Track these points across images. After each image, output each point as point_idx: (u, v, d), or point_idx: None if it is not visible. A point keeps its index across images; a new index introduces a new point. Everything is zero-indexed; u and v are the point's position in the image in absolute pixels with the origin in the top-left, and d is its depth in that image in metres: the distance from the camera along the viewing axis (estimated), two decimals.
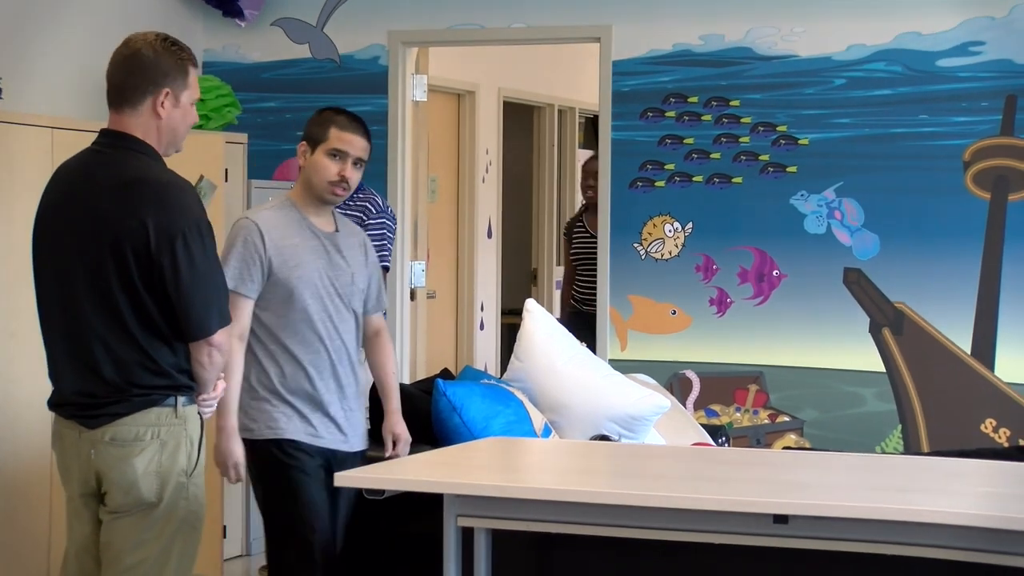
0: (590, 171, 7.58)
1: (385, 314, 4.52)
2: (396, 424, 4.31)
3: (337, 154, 4.25)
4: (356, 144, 4.28)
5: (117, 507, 3.57)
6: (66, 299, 3.59)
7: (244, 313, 4.15)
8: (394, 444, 4.29)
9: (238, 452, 4.16)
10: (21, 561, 5.45)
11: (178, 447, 3.59)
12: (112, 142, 3.61)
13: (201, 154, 5.94)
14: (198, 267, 3.51)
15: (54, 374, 3.66)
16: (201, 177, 5.73)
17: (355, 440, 4.27)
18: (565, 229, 8.03)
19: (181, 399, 3.59)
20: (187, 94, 3.64)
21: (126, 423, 3.54)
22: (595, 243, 7.11)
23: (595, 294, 6.91)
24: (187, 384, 3.60)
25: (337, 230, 4.32)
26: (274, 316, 4.20)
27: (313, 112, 4.40)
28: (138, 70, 3.56)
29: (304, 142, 4.31)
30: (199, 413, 3.67)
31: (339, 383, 4.22)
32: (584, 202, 7.88)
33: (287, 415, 4.19)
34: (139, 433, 3.54)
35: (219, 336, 3.57)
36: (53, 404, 3.67)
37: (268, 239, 4.18)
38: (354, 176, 4.28)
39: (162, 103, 3.59)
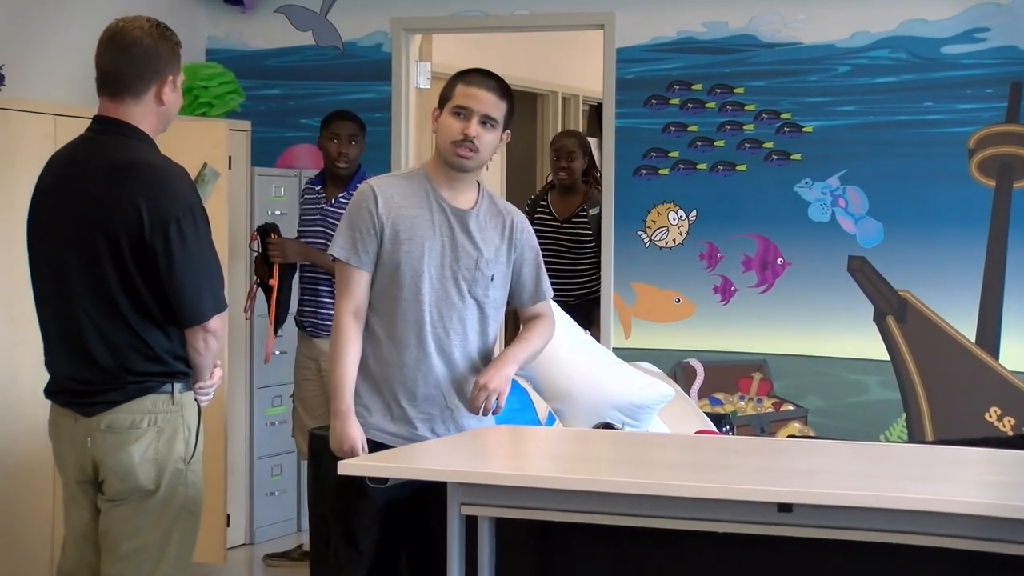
0: (562, 149, 7.22)
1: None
2: (484, 373, 3.87)
3: (461, 111, 3.84)
4: (483, 99, 3.86)
5: (114, 495, 3.57)
6: (60, 284, 3.58)
7: (357, 286, 3.84)
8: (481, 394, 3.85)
9: (355, 435, 3.79)
10: (24, 548, 5.46)
11: (175, 434, 3.58)
12: (105, 128, 3.60)
13: (204, 141, 5.93)
14: (191, 252, 3.50)
15: (49, 361, 3.66)
16: (204, 165, 5.71)
17: None
18: (526, 209, 7.12)
19: (177, 386, 3.58)
20: (180, 78, 3.65)
21: (122, 410, 3.53)
22: (560, 229, 7.02)
23: (559, 287, 6.57)
24: (183, 371, 3.59)
25: (476, 207, 3.91)
26: (376, 292, 3.87)
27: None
28: (140, 59, 3.55)
29: (436, 107, 3.96)
30: (196, 400, 3.66)
31: (437, 379, 3.85)
32: (550, 181, 7.36)
33: (368, 408, 3.87)
34: (135, 420, 3.54)
35: (214, 322, 3.56)
36: (49, 392, 3.67)
37: (384, 206, 3.83)
38: (485, 137, 3.84)
39: (164, 90, 3.59)
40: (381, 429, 3.85)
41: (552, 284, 6.50)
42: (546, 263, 6.45)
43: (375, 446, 3.82)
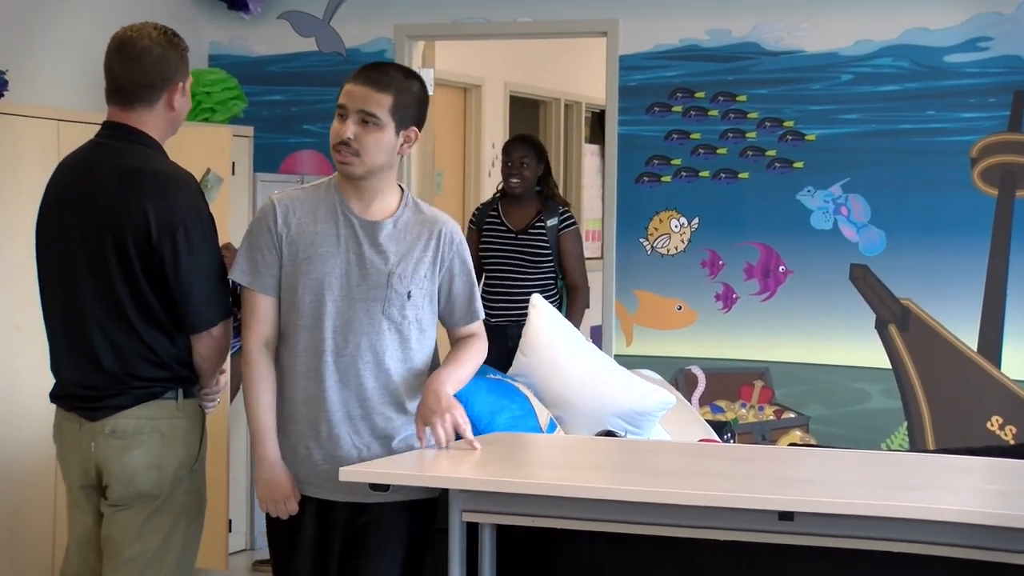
0: (514, 156, 6.51)
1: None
2: (421, 408, 3.55)
3: (340, 111, 3.49)
4: (356, 95, 3.45)
5: (118, 500, 3.57)
6: (67, 289, 3.59)
7: (264, 313, 3.54)
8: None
9: (286, 482, 3.53)
10: (26, 552, 5.46)
11: (179, 440, 3.58)
12: (114, 134, 3.61)
13: (207, 147, 5.93)
14: (198, 258, 3.51)
15: (55, 365, 3.66)
16: (208, 171, 5.72)
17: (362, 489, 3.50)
18: (473, 218, 6.67)
19: (182, 392, 3.59)
20: (189, 81, 3.67)
21: (127, 415, 3.54)
22: (515, 240, 6.44)
23: (511, 302, 6.35)
24: (188, 376, 3.60)
25: (393, 217, 3.53)
26: (281, 320, 3.57)
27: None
28: (151, 69, 3.56)
29: None
30: (201, 406, 3.67)
31: (344, 415, 3.52)
32: (501, 189, 6.63)
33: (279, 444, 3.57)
34: (140, 426, 3.54)
35: (220, 328, 3.57)
36: (55, 396, 3.67)
37: (283, 223, 3.52)
38: (366, 138, 3.44)
39: (176, 97, 3.60)
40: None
41: (504, 299, 6.18)
42: (498, 277, 6.37)
43: None
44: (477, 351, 3.68)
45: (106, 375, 3.55)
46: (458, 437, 3.60)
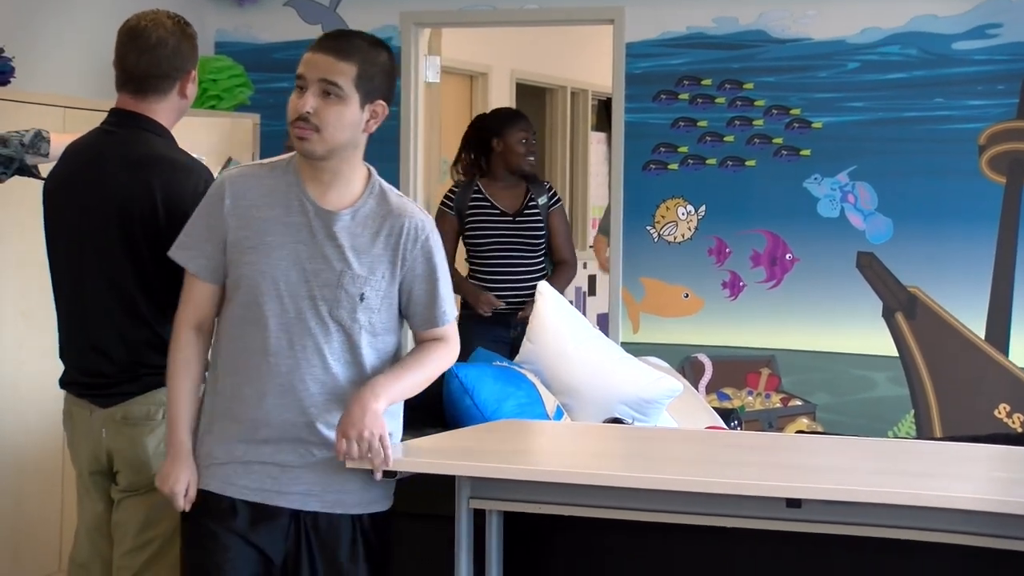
0: (529, 131, 6.29)
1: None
2: (343, 418, 3.18)
3: (299, 83, 3.17)
4: (318, 63, 3.14)
5: (128, 486, 3.58)
6: (76, 277, 3.59)
7: (196, 295, 3.24)
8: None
9: (180, 478, 3.24)
10: (33, 539, 5.47)
11: None
12: (123, 121, 3.61)
13: (212, 134, 5.93)
14: None
15: (64, 353, 3.67)
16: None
17: (319, 498, 3.26)
18: (450, 203, 6.23)
19: None
20: (197, 69, 3.68)
21: (137, 402, 3.54)
22: (512, 224, 6.17)
23: (513, 289, 6.10)
24: None
25: (354, 207, 3.19)
26: (221, 311, 3.27)
27: None
28: (165, 61, 3.57)
29: None
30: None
31: (285, 422, 3.20)
32: (465, 171, 6.29)
33: (208, 456, 3.27)
34: (150, 412, 3.55)
35: None
36: (64, 382, 3.68)
37: (233, 205, 3.19)
38: (327, 112, 3.11)
39: (188, 86, 3.62)
40: (219, 478, 3.26)
41: (505, 286, 5.93)
42: (496, 263, 6.07)
43: (210, 495, 3.27)
44: (433, 359, 3.29)
45: (115, 363, 3.55)
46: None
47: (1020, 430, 6.26)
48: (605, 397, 4.57)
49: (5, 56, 5.47)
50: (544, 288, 4.90)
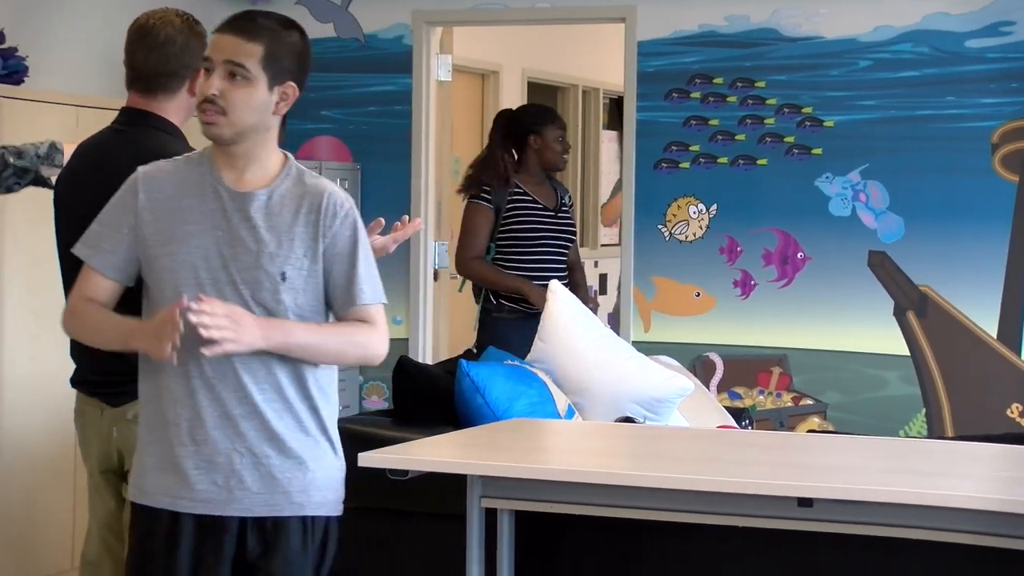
0: (563, 129, 6.31)
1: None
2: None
3: (205, 65, 3.05)
4: (224, 45, 3.01)
5: None
6: None
7: (96, 287, 3.10)
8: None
9: (162, 314, 2.98)
10: (45, 537, 5.48)
11: None
12: (133, 120, 3.62)
13: None
14: None
15: (74, 351, 3.67)
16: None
17: (249, 502, 3.04)
18: (488, 196, 6.08)
19: None
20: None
21: None
22: (555, 219, 6.15)
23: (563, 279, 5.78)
24: None
25: (269, 188, 3.05)
26: (144, 314, 3.10)
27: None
28: (174, 59, 3.57)
29: None
30: None
31: (217, 417, 3.00)
32: (500, 167, 6.13)
33: (141, 467, 3.11)
34: None
35: None
36: (75, 381, 3.68)
37: (147, 199, 3.07)
38: (233, 94, 2.99)
39: (197, 83, 3.61)
40: (158, 490, 3.07)
41: (549, 279, 5.49)
42: (543, 257, 5.99)
43: (146, 511, 3.08)
44: (353, 333, 3.05)
45: (125, 361, 3.55)
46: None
47: None
48: (616, 396, 4.56)
49: (19, 55, 5.48)
50: (555, 287, 4.90)
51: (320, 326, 3.05)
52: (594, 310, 6.03)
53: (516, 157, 6.19)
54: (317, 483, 3.08)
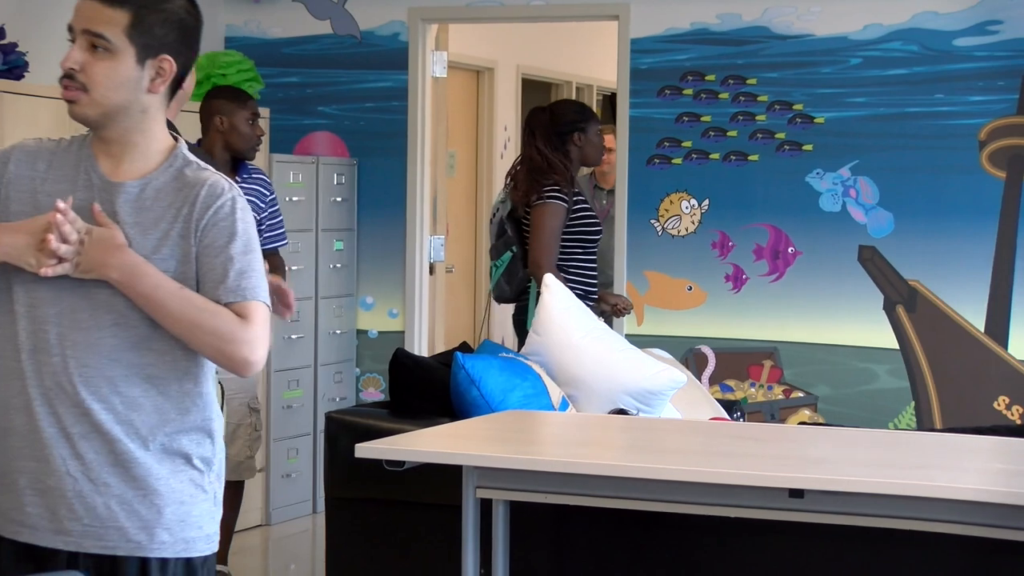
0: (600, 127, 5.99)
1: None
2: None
3: (69, 36, 2.60)
4: (82, 12, 2.57)
5: None
6: None
7: None
8: None
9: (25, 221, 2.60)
10: None
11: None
12: None
13: None
14: None
15: None
16: None
17: (79, 535, 2.57)
18: (564, 197, 5.59)
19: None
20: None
21: None
22: (596, 215, 5.87)
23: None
24: None
25: (145, 178, 2.61)
26: None
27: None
28: None
29: None
30: (219, 382, 3.67)
31: (49, 428, 2.54)
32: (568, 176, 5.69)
33: None
34: None
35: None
36: None
37: (16, 174, 2.63)
38: (94, 68, 2.55)
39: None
40: None
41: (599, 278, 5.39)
42: (596, 260, 5.61)
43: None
44: (217, 311, 2.55)
45: None
46: None
47: (1019, 422, 6.25)
48: (610, 388, 4.56)
49: (19, 51, 5.47)
50: (550, 281, 4.90)
51: (186, 290, 2.56)
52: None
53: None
54: (166, 519, 2.58)
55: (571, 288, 5.28)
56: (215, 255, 2.58)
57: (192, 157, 2.68)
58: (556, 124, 5.78)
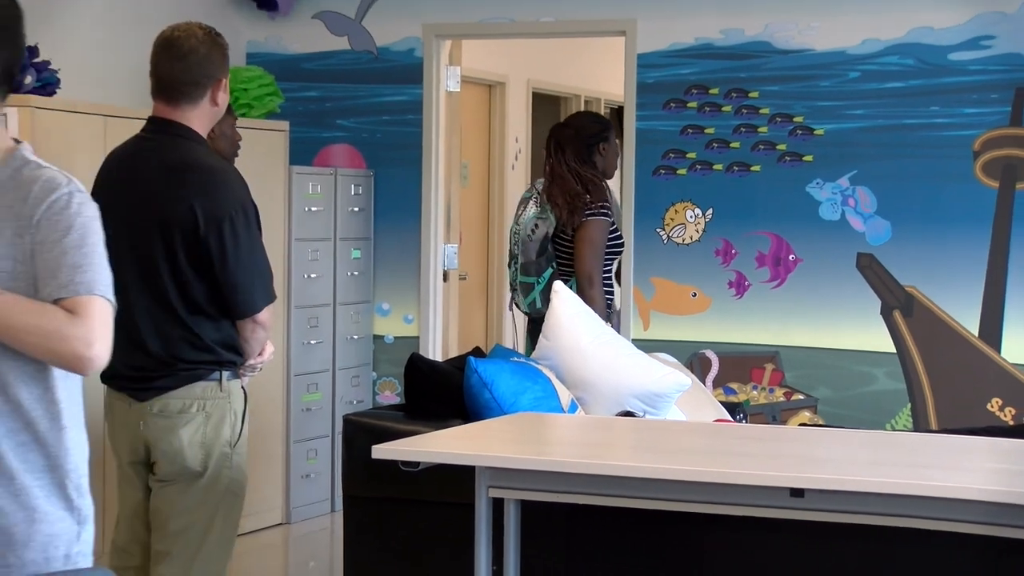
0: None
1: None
2: None
3: None
4: None
5: (164, 475, 3.59)
6: (116, 278, 3.59)
7: None
8: None
9: None
10: None
11: (222, 419, 3.60)
12: (160, 128, 3.63)
13: (243, 140, 5.94)
14: (243, 248, 3.53)
15: None
16: None
17: None
18: (608, 212, 5.65)
19: (226, 374, 3.60)
20: (228, 77, 3.69)
21: (173, 396, 3.56)
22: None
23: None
24: (231, 360, 3.61)
25: None
26: None
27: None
28: (196, 68, 3.58)
29: None
30: (243, 387, 3.69)
31: None
32: (591, 179, 5.69)
33: None
34: (185, 405, 3.56)
35: (264, 314, 3.59)
36: (105, 377, 3.69)
37: None
38: None
39: (219, 93, 3.62)
40: None
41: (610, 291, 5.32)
42: (606, 270, 5.55)
43: None
44: (44, 310, 2.36)
45: (153, 358, 3.56)
46: None
47: (1012, 423, 6.24)
48: (617, 391, 4.56)
49: (51, 68, 5.50)
50: (559, 288, 4.90)
51: (7, 293, 2.36)
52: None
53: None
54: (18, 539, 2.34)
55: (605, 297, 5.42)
56: (49, 250, 2.39)
57: (33, 157, 2.46)
58: (582, 137, 5.74)
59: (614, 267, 5.94)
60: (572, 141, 5.72)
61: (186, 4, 6.63)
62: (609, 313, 5.67)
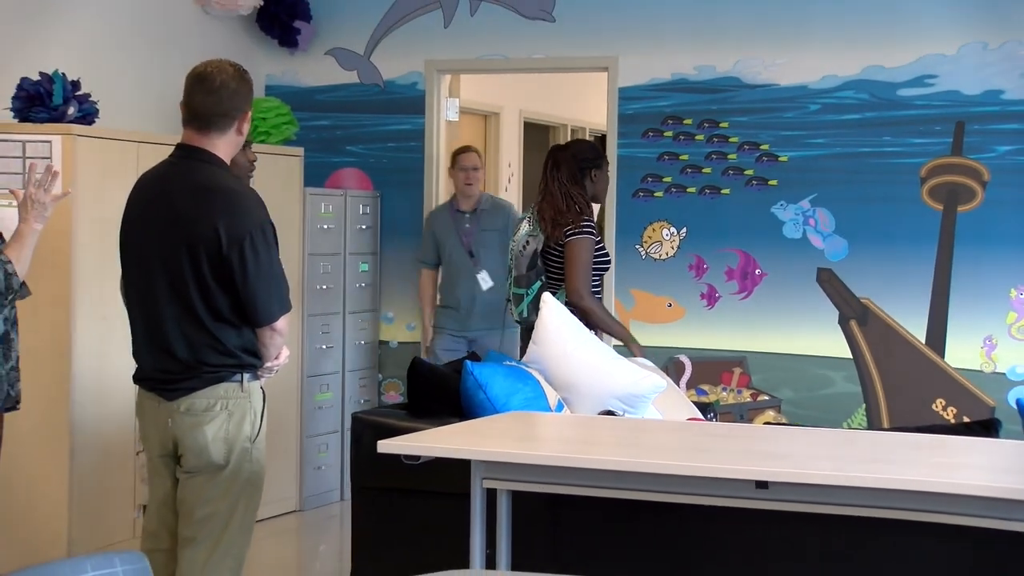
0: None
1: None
2: None
3: None
4: None
5: (191, 468, 3.59)
6: (146, 290, 3.61)
7: None
8: None
9: None
10: (112, 511, 5.49)
11: (243, 417, 3.60)
12: (187, 155, 3.63)
13: (262, 165, 5.95)
14: (262, 264, 3.53)
15: (136, 353, 3.68)
16: None
17: None
18: (594, 230, 5.46)
19: (246, 375, 3.61)
20: (252, 110, 3.70)
21: (199, 396, 3.56)
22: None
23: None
24: (251, 363, 3.61)
25: None
26: None
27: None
28: (226, 100, 3.58)
29: None
30: (261, 388, 3.69)
31: None
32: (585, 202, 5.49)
33: None
34: (210, 404, 3.56)
35: (280, 322, 3.59)
36: (136, 379, 3.70)
37: None
38: None
39: (244, 124, 3.63)
40: None
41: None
42: (595, 285, 5.36)
43: None
44: None
45: (180, 362, 3.57)
46: None
47: (953, 421, 6.25)
48: (600, 392, 4.57)
49: (91, 100, 5.50)
50: (548, 298, 4.90)
51: None
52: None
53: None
54: None
55: None
56: None
57: None
58: (578, 160, 5.58)
59: (603, 281, 5.86)
60: (568, 162, 5.60)
61: (213, 42, 6.65)
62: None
